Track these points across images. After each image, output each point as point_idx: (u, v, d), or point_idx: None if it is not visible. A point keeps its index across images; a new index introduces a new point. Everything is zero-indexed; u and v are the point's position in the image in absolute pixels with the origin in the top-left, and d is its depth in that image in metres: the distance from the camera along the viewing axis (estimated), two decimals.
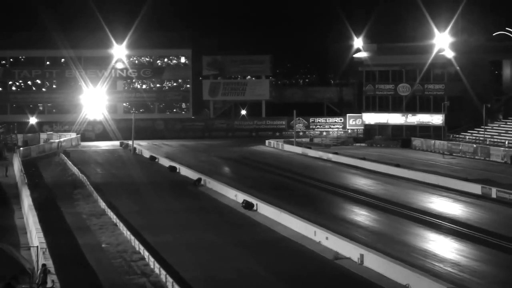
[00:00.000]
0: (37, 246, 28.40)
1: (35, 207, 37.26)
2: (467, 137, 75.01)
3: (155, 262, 28.48)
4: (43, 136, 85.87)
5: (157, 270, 27.91)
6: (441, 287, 24.43)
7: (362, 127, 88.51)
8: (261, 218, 39.02)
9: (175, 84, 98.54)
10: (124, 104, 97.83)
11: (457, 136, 76.09)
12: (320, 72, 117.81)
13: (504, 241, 33.41)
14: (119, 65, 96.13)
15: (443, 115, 77.87)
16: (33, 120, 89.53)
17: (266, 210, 39.77)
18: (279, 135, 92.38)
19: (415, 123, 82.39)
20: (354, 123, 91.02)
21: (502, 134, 72.43)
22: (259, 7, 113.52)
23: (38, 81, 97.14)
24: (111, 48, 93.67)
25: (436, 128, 79.64)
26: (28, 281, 25.31)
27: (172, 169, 59.87)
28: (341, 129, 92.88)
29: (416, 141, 78.07)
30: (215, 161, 68.75)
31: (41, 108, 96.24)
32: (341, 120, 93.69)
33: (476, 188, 46.91)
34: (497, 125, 76.08)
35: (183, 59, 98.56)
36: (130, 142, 78.42)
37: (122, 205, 43.15)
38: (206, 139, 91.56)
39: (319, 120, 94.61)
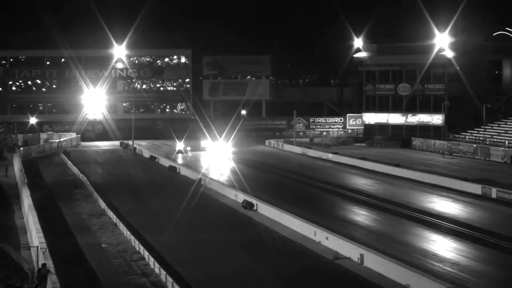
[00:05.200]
0: (37, 246, 28.39)
1: (35, 207, 37.21)
2: (467, 137, 75.07)
3: (155, 262, 28.49)
4: (43, 136, 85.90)
5: (157, 270, 27.91)
6: (441, 287, 24.44)
7: (362, 127, 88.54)
8: (261, 218, 39.02)
9: (175, 84, 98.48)
10: (124, 104, 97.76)
11: (457, 136, 76.16)
12: (320, 72, 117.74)
13: (504, 241, 33.41)
14: (119, 65, 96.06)
15: (443, 115, 77.97)
16: (33, 120, 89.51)
17: (266, 210, 39.77)
18: (279, 135, 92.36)
19: (415, 123, 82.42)
20: (354, 123, 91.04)
21: (502, 134, 72.48)
22: (259, 7, 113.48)
23: (38, 81, 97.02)
24: (111, 48, 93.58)
25: (436, 128, 79.70)
26: (27, 281, 25.32)
27: (172, 169, 59.88)
28: (341, 129, 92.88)
29: (416, 141, 78.06)
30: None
31: (41, 108, 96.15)
32: (341, 120, 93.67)
33: (476, 188, 46.94)
34: (497, 125, 76.10)
35: (183, 59, 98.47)
36: (130, 142, 78.47)
37: (122, 205, 43.15)
38: None
39: (319, 120, 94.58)
